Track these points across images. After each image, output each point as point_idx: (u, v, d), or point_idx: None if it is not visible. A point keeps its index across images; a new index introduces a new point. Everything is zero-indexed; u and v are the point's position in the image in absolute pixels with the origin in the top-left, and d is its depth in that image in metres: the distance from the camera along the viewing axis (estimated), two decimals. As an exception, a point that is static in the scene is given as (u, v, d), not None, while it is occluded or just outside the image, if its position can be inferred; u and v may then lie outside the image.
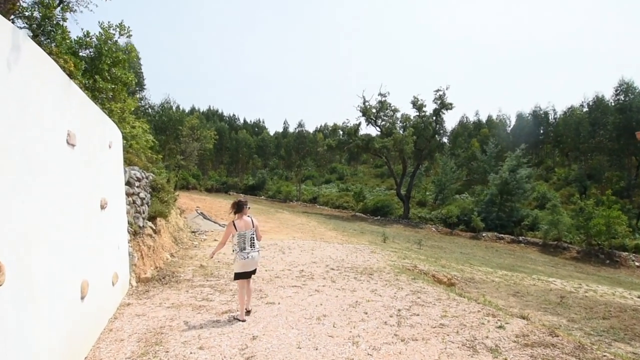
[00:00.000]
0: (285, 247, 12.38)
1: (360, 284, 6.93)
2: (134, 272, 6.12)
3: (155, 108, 21.77)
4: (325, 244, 13.79)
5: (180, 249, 11.13)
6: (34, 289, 2.49)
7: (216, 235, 15.61)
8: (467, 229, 31.57)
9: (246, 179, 58.18)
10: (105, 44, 6.83)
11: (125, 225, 5.98)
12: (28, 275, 2.41)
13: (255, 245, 4.83)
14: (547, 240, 26.94)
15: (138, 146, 9.93)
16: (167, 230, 11.07)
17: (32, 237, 2.48)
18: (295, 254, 10.80)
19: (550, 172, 49.56)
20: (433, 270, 11.07)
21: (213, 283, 6.61)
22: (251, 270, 4.89)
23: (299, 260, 9.57)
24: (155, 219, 9.34)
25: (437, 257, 15.31)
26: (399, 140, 33.46)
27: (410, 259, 12.39)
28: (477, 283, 11.09)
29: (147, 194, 9.46)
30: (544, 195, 36.74)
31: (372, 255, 11.75)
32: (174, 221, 13.88)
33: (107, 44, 6.86)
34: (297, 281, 6.98)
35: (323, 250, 12.06)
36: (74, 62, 5.36)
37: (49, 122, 2.85)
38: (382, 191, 49.29)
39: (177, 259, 9.14)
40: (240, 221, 4.87)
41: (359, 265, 9.31)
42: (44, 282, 2.66)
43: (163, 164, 17.36)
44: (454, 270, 12.25)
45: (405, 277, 7.87)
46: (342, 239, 17.45)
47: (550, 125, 54.09)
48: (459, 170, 42.07)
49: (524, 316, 5.28)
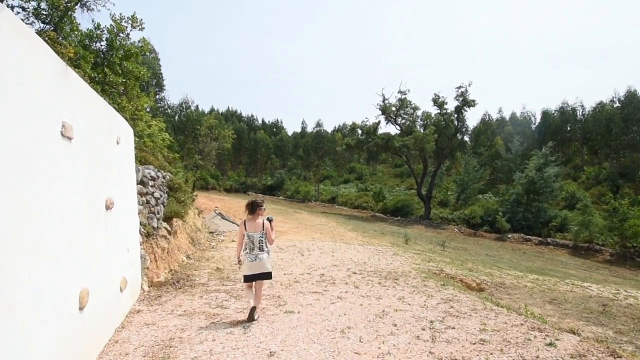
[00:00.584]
0: (305, 248, 11.97)
1: (385, 290, 6.42)
2: (146, 276, 5.81)
3: (174, 108, 21.77)
4: (345, 246, 13.31)
5: (197, 250, 10.86)
6: (13, 303, 2.12)
7: (234, 235, 15.35)
8: (491, 230, 30.48)
9: (265, 179, 58.18)
10: (117, 37, 6.58)
11: (137, 226, 5.66)
12: (3, 286, 2.04)
13: (264, 248, 4.65)
14: (578, 242, 25.66)
15: (153, 144, 9.71)
16: (184, 231, 10.83)
17: (9, 240, 2.11)
18: (315, 256, 10.37)
19: (578, 170, 47.60)
20: (460, 275, 10.44)
21: (229, 288, 6.24)
22: (258, 273, 4.66)
23: (319, 263, 9.13)
24: (171, 220, 9.07)
25: (462, 260, 14.61)
26: (419, 139, 32.63)
27: (435, 262, 11.78)
28: (508, 288, 10.40)
29: (162, 193, 9.20)
30: (573, 195, 35.17)
31: (395, 258, 11.20)
32: (191, 221, 13.67)
33: (119, 36, 6.62)
34: (317, 286, 6.53)
35: (344, 252, 11.59)
36: (82, 54, 5.08)
37: (36, 110, 2.49)
38: (401, 191, 48.39)
39: (193, 260, 8.84)
40: (251, 222, 4.74)
41: (382, 269, 8.79)
42: (29, 294, 2.30)
43: (182, 164, 17.25)
44: (482, 274, 11.57)
45: (433, 282, 7.32)
46: (363, 240, 16.93)
47: (578, 122, 51.93)
48: (482, 170, 40.77)
49: (574, 330, 4.68)
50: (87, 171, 3.41)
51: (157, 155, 10.44)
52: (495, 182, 44.53)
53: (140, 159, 8.21)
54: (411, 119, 35.95)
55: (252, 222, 4.73)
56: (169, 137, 10.84)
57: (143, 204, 6.65)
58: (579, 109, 52.19)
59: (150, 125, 9.99)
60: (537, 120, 59.29)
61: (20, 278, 2.20)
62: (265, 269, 4.69)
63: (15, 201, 2.18)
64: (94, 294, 3.40)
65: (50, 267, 2.59)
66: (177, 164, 17.84)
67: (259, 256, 4.60)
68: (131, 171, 5.48)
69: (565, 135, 50.45)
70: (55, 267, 2.65)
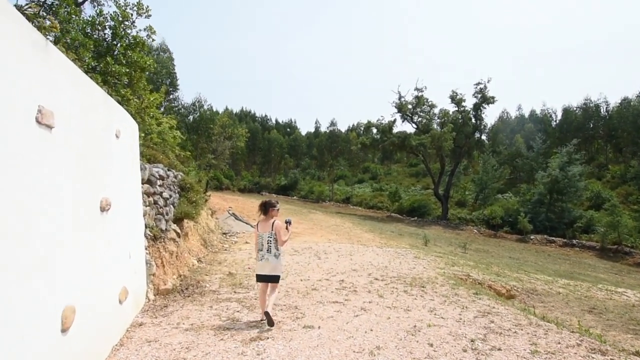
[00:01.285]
0: (321, 251, 11.42)
1: (413, 300, 5.81)
2: (151, 283, 5.33)
3: (188, 108, 21.52)
4: (363, 248, 12.71)
5: (209, 252, 10.42)
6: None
7: (247, 237, 14.89)
8: (512, 231, 29.39)
9: (278, 179, 57.87)
10: (121, 25, 6.14)
11: (142, 229, 5.20)
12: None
13: (272, 249, 4.57)
14: (606, 244, 24.45)
15: (163, 142, 9.29)
16: (196, 233, 10.39)
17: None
18: (333, 260, 9.80)
19: (602, 169, 45.80)
20: (489, 280, 9.72)
21: (241, 296, 5.72)
22: (266, 274, 4.59)
23: (337, 268, 8.56)
24: (182, 221, 8.63)
25: (486, 263, 13.84)
26: (437, 137, 31.70)
27: (459, 266, 11.08)
28: (540, 295, 9.65)
29: (173, 193, 8.76)
30: (599, 195, 33.72)
31: (417, 262, 10.55)
32: (203, 222, 13.26)
33: (123, 24, 6.17)
34: (337, 295, 5.96)
35: (362, 255, 10.99)
36: (82, 41, 4.62)
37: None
38: (417, 191, 47.40)
39: (204, 264, 8.38)
40: (263, 222, 4.73)
41: (405, 274, 8.17)
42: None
43: (196, 163, 16.90)
44: (510, 279, 10.81)
45: (464, 290, 6.67)
46: (380, 242, 16.29)
47: (602, 119, 49.98)
48: (501, 169, 39.53)
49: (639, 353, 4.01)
50: (74, 167, 2.92)
51: (168, 153, 10.02)
52: (514, 182, 43.20)
53: (149, 157, 7.79)
54: (428, 116, 35.04)
55: (264, 222, 4.71)
56: (180, 135, 10.40)
57: (150, 205, 6.19)
58: (603, 105, 50.25)
59: (161, 123, 9.57)
60: (558, 117, 57.45)
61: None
62: (271, 272, 4.57)
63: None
64: (83, 310, 2.90)
65: (18, 285, 2.09)
66: (190, 163, 17.52)
67: (265, 257, 4.57)
68: (135, 169, 5.01)
69: (589, 133, 48.60)
70: (23, 284, 2.14)
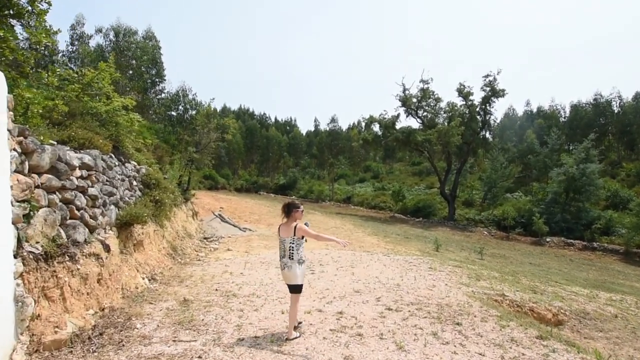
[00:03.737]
0: (316, 261, 9.36)
1: (452, 355, 3.74)
2: (28, 333, 3.28)
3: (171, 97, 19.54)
4: (367, 256, 10.65)
5: (174, 264, 8.35)
6: None
7: (232, 242, 12.83)
8: (525, 232, 27.30)
9: (277, 178, 55.82)
10: None
11: (7, 245, 3.15)
12: None
13: (294, 256, 4.16)
14: (631, 247, 22.36)
15: (115, 125, 7.26)
16: (158, 241, 8.33)
17: None
18: (329, 275, 7.74)
19: (616, 167, 43.65)
20: (528, 301, 7.65)
21: (185, 347, 3.67)
22: (287, 283, 4.26)
23: (335, 288, 6.49)
24: (130, 227, 6.57)
25: (511, 273, 11.76)
26: (443, 133, 29.57)
27: (485, 280, 9.01)
28: (594, 320, 7.57)
29: (117, 190, 6.70)
30: (616, 194, 31.58)
31: (435, 275, 8.48)
32: (178, 226, 11.20)
33: None
34: (334, 345, 3.89)
35: (366, 266, 8.93)
36: None
37: None
38: (421, 190, 45.28)
39: (157, 284, 6.31)
40: (285, 225, 4.32)
41: (426, 298, 6.11)
42: None
43: (177, 157, 14.85)
44: (550, 296, 8.71)
45: (519, 330, 4.59)
46: (386, 248, 14.22)
47: (615, 114, 47.72)
48: (510, 166, 37.38)
49: None
50: None
51: (124, 140, 7.97)
52: (523, 180, 41.05)
53: (82, 140, 5.72)
54: (434, 111, 32.92)
55: (286, 226, 4.30)
56: (140, 119, 8.34)
57: (52, 205, 4.14)
58: (616, 101, 47.94)
59: (111, 98, 7.53)
60: (567, 113, 55.19)
61: None
62: (292, 281, 4.18)
63: None
64: None
65: None
66: (175, 158, 15.47)
67: (287, 264, 4.18)
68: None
69: (600, 129, 46.34)
70: None
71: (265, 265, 8.61)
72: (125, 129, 7.85)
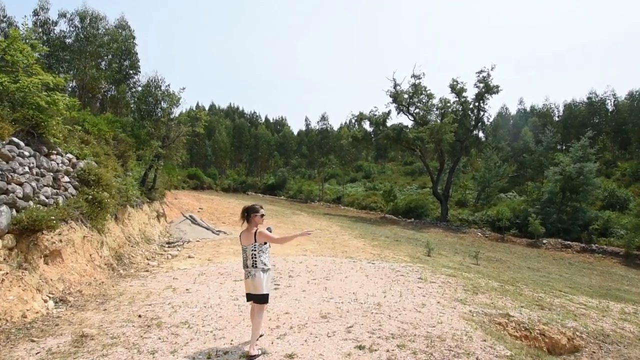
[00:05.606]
0: (286, 271, 7.96)
1: None
2: None
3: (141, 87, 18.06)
4: (348, 264, 9.28)
5: (112, 276, 6.90)
6: None
7: (198, 248, 11.37)
8: (520, 233, 26.16)
9: (267, 178, 54.29)
10: None
11: None
12: None
13: (258, 264, 3.86)
14: (631, 249, 21.29)
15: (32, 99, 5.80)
16: (90, 249, 6.86)
17: None
18: (296, 291, 6.34)
19: (610, 166, 42.85)
20: (537, 321, 6.32)
21: None
22: (249, 292, 3.91)
23: (296, 311, 5.11)
24: (35, 235, 5.12)
25: (512, 281, 10.44)
26: (436, 130, 28.34)
27: (485, 293, 7.68)
28: (617, 344, 6.25)
29: (19, 187, 5.26)
30: (613, 193, 30.63)
31: (425, 289, 7.14)
32: (129, 230, 9.71)
33: None
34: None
35: (345, 278, 7.55)
36: None
37: None
38: (413, 190, 44.09)
39: (65, 308, 4.87)
40: (245, 233, 4.01)
41: (410, 324, 4.77)
42: None
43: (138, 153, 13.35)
44: (561, 313, 7.40)
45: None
46: (373, 252, 12.88)
47: (609, 113, 46.99)
48: (504, 165, 36.31)
49: None
50: None
51: (48, 126, 6.51)
52: (517, 180, 40.07)
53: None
54: (426, 107, 31.69)
55: (247, 232, 4.01)
56: (68, 101, 6.87)
57: None
58: (610, 99, 47.21)
59: (35, 74, 6.08)
60: (561, 112, 54.42)
61: None
62: (257, 290, 3.85)
63: None
64: None
65: None
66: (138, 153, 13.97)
67: (251, 273, 3.89)
68: None
69: (596, 128, 45.54)
70: None
71: (223, 278, 7.20)
72: (47, 112, 6.39)
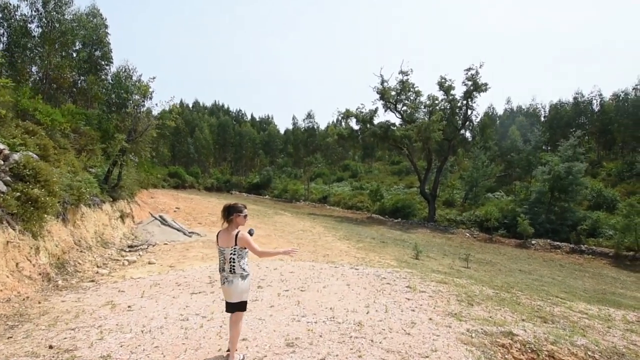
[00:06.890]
0: (257, 280, 6.93)
1: None
2: None
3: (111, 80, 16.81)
4: (328, 270, 8.31)
5: (45, 288, 5.79)
6: None
7: (163, 252, 10.24)
8: (509, 234, 25.64)
9: (251, 177, 53.01)
10: None
11: None
12: None
13: (235, 269, 3.51)
14: (621, 250, 20.89)
15: None
16: (17, 256, 5.73)
17: None
18: (263, 306, 5.33)
19: (596, 166, 42.93)
20: (545, 340, 5.45)
21: None
22: (228, 300, 3.58)
23: (257, 336, 4.11)
24: None
25: (506, 287, 9.61)
26: (423, 128, 27.63)
27: (481, 303, 6.80)
28: (632, 365, 5.45)
29: None
30: (600, 193, 30.42)
31: (414, 300, 6.22)
32: (81, 233, 8.55)
33: None
34: None
35: (323, 288, 6.56)
36: None
37: None
38: (400, 189, 43.45)
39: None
40: (224, 232, 3.63)
41: (398, 352, 3.82)
42: None
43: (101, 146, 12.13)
44: (567, 327, 6.56)
45: None
46: (357, 256, 11.94)
47: (595, 113, 47.17)
48: (492, 165, 35.89)
49: None
50: None
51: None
52: (504, 180, 39.77)
53: None
54: (413, 105, 30.97)
55: (226, 233, 3.62)
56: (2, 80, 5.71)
57: None
58: (596, 99, 47.34)
59: None
60: (547, 112, 54.51)
61: None
62: (234, 298, 3.54)
63: None
64: None
65: None
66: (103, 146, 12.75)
67: (228, 279, 3.54)
68: None
69: (581, 128, 45.63)
70: None
71: (179, 290, 6.14)
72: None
